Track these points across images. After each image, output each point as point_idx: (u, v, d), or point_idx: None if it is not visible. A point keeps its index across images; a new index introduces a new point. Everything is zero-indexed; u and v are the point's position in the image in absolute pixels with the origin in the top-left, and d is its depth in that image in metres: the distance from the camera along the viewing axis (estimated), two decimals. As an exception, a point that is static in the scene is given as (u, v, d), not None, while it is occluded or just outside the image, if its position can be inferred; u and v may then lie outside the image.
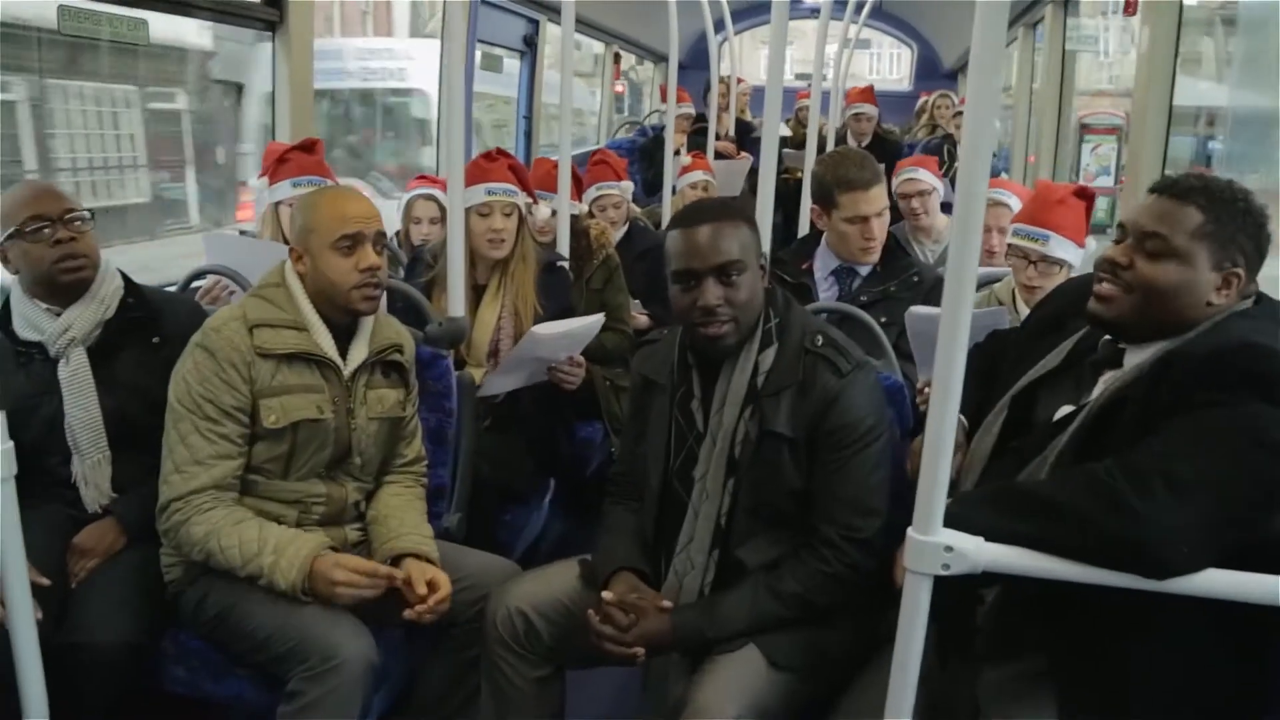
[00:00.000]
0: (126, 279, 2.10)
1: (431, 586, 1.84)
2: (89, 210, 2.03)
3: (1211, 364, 1.33)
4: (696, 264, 1.73)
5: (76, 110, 6.11)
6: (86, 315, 2.00)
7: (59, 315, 1.99)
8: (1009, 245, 2.58)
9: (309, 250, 1.91)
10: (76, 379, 1.98)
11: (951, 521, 1.23)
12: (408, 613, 1.82)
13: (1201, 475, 1.26)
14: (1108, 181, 5.20)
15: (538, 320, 2.65)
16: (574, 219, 3.35)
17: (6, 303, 2.03)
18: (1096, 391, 1.49)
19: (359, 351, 1.97)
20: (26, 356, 1.98)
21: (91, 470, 1.99)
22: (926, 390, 1.80)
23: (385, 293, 2.49)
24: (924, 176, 3.55)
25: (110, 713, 1.79)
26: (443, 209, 3.49)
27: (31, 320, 1.99)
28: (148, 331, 2.07)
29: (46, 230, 1.95)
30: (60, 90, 5.89)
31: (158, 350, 2.04)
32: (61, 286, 1.98)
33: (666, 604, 1.76)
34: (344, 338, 1.96)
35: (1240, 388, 1.29)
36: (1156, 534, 1.23)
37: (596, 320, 2.62)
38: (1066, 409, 1.53)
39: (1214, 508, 1.25)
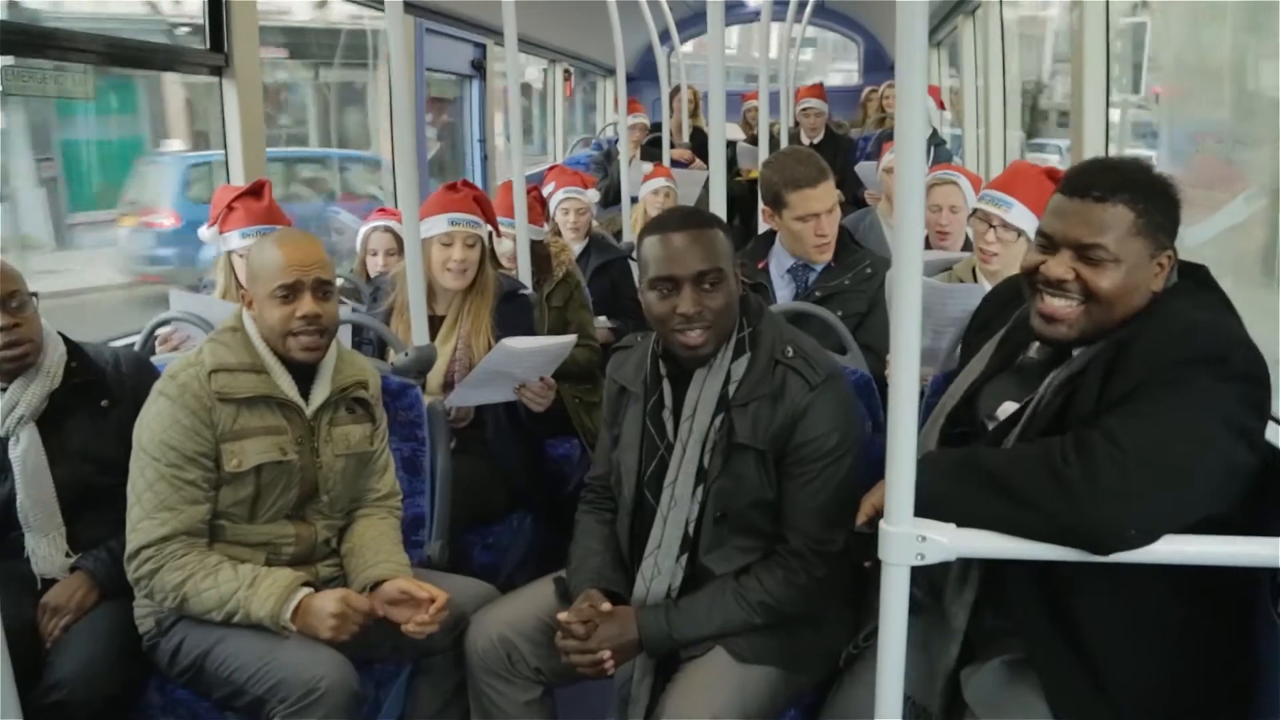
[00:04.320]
0: (68, 342, 2.04)
1: (431, 595, 1.82)
2: (34, 292, 1.96)
3: (1165, 347, 1.32)
4: (677, 271, 1.71)
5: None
6: (33, 390, 1.95)
7: (3, 392, 1.93)
8: (974, 210, 2.63)
9: (255, 296, 1.89)
10: (29, 459, 1.93)
11: (920, 497, 1.20)
12: (406, 627, 1.80)
13: (1155, 455, 1.25)
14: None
15: None
16: (534, 244, 3.34)
17: None
18: (1044, 385, 1.47)
19: (321, 391, 1.95)
20: None
21: (47, 546, 1.94)
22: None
23: (349, 327, 2.48)
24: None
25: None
26: (398, 240, 3.49)
27: None
28: (95, 395, 2.02)
29: None
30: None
31: (107, 412, 2.01)
32: (4, 371, 1.93)
33: (606, 606, 1.76)
34: (305, 378, 1.94)
35: (1194, 367, 1.29)
36: (1103, 516, 1.22)
37: (569, 340, 2.59)
38: (1011, 406, 1.52)
39: (1167, 487, 1.24)
